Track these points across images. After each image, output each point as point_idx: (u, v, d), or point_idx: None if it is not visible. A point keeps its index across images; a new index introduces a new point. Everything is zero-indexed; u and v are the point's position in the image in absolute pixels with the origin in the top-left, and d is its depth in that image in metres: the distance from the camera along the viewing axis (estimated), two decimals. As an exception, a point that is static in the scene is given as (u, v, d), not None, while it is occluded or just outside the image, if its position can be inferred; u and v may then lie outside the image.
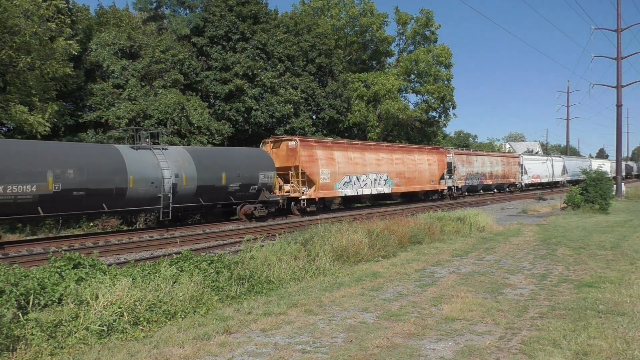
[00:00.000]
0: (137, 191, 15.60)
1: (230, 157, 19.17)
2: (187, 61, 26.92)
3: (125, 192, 15.28)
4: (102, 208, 14.82)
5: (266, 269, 8.63)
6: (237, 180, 18.69)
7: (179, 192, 16.87)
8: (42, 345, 5.21)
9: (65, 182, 13.77)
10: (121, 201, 15.37)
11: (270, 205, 20.22)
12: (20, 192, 12.83)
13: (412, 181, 28.90)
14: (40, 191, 13.19)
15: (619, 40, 33.10)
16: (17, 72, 18.05)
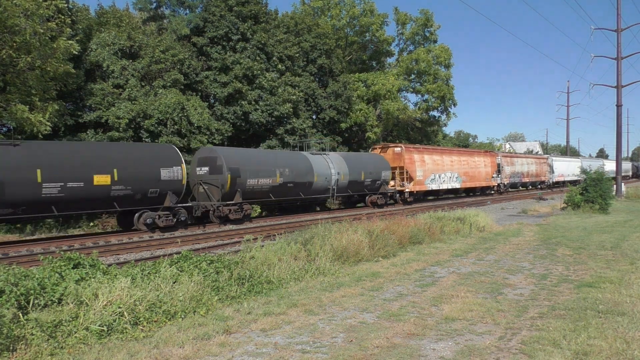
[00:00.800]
0: (319, 184, 23.02)
1: (365, 160, 26.71)
2: (187, 61, 26.93)
3: (312, 185, 22.61)
4: (299, 195, 22.26)
5: (266, 269, 8.63)
6: (369, 177, 25.79)
7: (339, 185, 24.17)
8: (42, 345, 5.21)
9: (284, 177, 20.94)
10: (309, 190, 22.65)
11: (386, 196, 27.05)
12: (264, 183, 20.17)
13: (473, 179, 35.05)
14: (273, 183, 20.53)
15: (619, 40, 33.12)
16: (17, 72, 18.06)
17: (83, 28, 24.26)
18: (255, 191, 19.93)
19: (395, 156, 28.57)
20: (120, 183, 15.19)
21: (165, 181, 16.48)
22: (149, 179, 16.03)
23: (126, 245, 13.65)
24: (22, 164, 13.22)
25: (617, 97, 33.08)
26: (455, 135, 65.31)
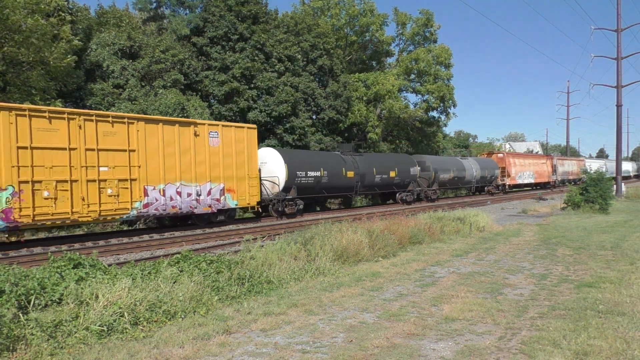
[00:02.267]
0: (470, 178, 35.11)
1: (485, 162, 37.81)
2: (187, 61, 26.93)
3: (464, 179, 34.21)
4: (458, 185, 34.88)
5: (266, 269, 8.64)
6: (489, 173, 37.43)
7: (476, 178, 35.98)
8: (42, 345, 5.21)
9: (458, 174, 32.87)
10: (463, 182, 34.74)
11: (498, 187, 38.61)
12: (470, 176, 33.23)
13: (541, 176, 46.65)
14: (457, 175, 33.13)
15: (619, 40, 33.12)
16: (18, 72, 18.07)
17: (83, 28, 24.26)
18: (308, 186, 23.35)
19: (498, 160, 40.75)
20: (484, 174, 36.23)
21: None
22: (492, 173, 37.87)
23: (126, 245, 13.65)
24: (367, 165, 25.81)
25: (617, 97, 33.08)
26: (455, 136, 65.33)
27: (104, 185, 14.60)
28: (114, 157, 14.87)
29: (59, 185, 13.62)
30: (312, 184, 22.07)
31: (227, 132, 18.34)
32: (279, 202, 20.35)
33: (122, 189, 15.00)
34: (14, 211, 12.75)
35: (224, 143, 18.18)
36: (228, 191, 18.26)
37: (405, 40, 43.97)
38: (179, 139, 16.61)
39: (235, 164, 18.63)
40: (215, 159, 17.82)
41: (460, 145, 55.09)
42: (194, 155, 17.08)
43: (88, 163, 14.26)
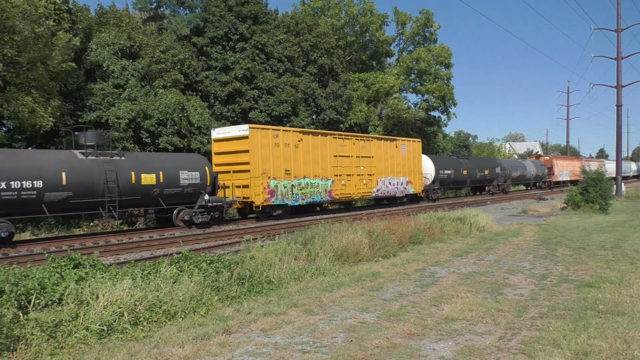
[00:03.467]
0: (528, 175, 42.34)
1: (536, 163, 45.44)
2: (187, 61, 26.92)
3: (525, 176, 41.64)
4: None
5: (266, 269, 8.64)
6: (540, 172, 44.72)
7: (533, 176, 44.83)
8: (42, 345, 5.22)
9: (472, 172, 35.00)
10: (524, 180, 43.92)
11: (550, 184, 47.20)
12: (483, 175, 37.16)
13: (573, 175, 51.40)
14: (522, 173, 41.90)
15: (619, 40, 33.13)
16: (18, 72, 18.07)
17: (83, 28, 24.26)
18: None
19: (545, 161, 48.41)
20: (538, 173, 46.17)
21: None
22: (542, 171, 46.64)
23: (126, 245, 13.66)
24: (472, 165, 35.46)
25: (617, 97, 33.09)
26: (455, 136, 65.25)
27: (362, 177, 24.37)
28: (365, 161, 24.66)
29: (346, 178, 23.37)
30: (446, 179, 31.55)
31: (408, 144, 28.33)
32: (429, 191, 30.11)
33: (369, 180, 24.76)
34: (333, 191, 22.55)
35: (408, 151, 27.96)
36: (409, 183, 28.06)
37: (405, 40, 43.99)
38: (389, 150, 26.46)
39: (412, 165, 28.33)
40: (404, 162, 27.51)
41: (460, 145, 55.03)
42: (395, 159, 26.79)
43: (356, 164, 23.96)
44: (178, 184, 16.80)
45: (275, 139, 19.85)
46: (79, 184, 14.37)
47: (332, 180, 22.22)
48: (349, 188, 23.28)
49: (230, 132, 19.86)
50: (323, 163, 21.93)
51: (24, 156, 14.09)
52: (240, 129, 19.51)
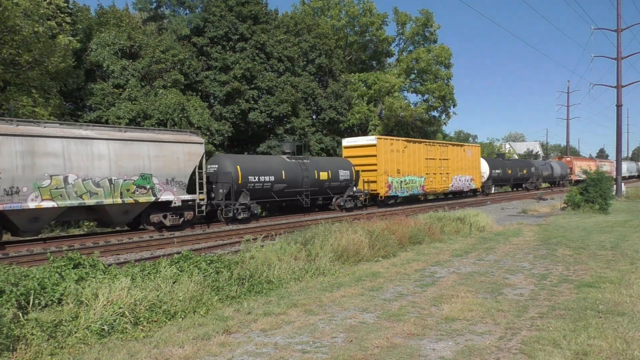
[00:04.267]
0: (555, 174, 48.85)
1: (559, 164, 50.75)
2: (187, 61, 26.91)
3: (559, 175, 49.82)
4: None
5: (266, 269, 8.63)
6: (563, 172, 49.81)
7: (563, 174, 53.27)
8: (42, 345, 5.22)
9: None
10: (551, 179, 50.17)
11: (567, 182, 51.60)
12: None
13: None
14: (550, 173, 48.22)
15: (619, 40, 33.13)
16: (18, 72, 18.07)
17: (83, 28, 24.27)
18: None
19: (567, 162, 54.36)
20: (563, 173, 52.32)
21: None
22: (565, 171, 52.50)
23: (126, 245, 13.66)
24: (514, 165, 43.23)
25: (617, 97, 33.09)
26: (455, 136, 65.32)
27: (442, 175, 30.41)
28: (444, 162, 30.62)
29: (433, 175, 29.33)
30: (496, 177, 38.28)
31: (472, 149, 34.66)
32: (484, 187, 36.51)
33: (447, 177, 30.84)
34: (425, 186, 28.53)
35: (472, 154, 34.10)
36: (472, 180, 34.04)
37: (405, 40, 43.99)
38: (459, 153, 32.55)
39: (474, 165, 34.21)
40: (469, 163, 33.53)
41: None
42: (463, 161, 32.81)
43: (439, 165, 30.00)
44: (338, 179, 23.68)
45: (391, 146, 26.13)
46: (290, 179, 21.11)
47: (424, 177, 28.60)
48: (434, 184, 29.68)
49: (358, 141, 26.83)
50: (419, 164, 28.17)
51: (261, 160, 21.32)
52: (369, 139, 26.25)
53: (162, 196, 16.19)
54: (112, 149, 14.97)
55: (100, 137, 14.89)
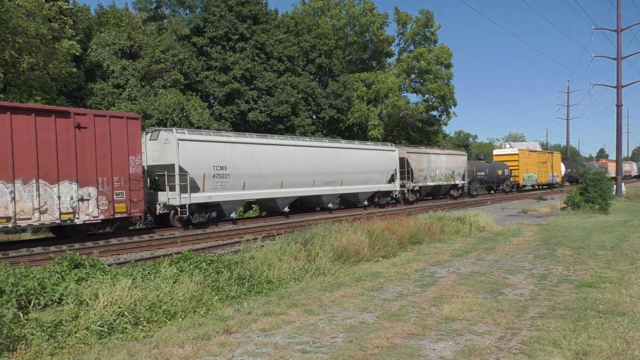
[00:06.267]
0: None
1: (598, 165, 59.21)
2: (187, 61, 26.92)
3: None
4: None
5: (266, 269, 8.63)
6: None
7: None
8: (42, 345, 5.21)
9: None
10: None
11: None
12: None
13: None
14: None
15: (619, 40, 33.12)
16: (18, 73, 18.07)
17: (83, 28, 24.28)
18: None
19: (603, 164, 61.18)
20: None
21: None
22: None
23: (126, 245, 13.66)
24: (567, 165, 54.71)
25: (617, 97, 33.08)
26: (455, 136, 65.28)
27: (544, 173, 45.73)
28: (545, 164, 46.16)
29: (540, 173, 44.93)
30: (568, 174, 50.48)
31: (555, 155, 48.99)
32: (559, 183, 48.75)
33: (545, 174, 45.91)
34: (537, 180, 44.06)
35: (554, 158, 48.05)
36: (557, 176, 47.99)
37: (406, 40, 43.99)
38: (549, 158, 46.68)
39: (557, 165, 48.46)
40: (553, 165, 47.25)
41: (460, 145, 55.14)
42: (549, 163, 46.07)
43: (542, 166, 45.63)
44: (505, 174, 39.44)
45: (524, 154, 42.52)
46: (488, 175, 37.97)
47: (537, 174, 44.04)
48: (540, 178, 44.70)
49: (506, 151, 44.42)
50: (535, 166, 43.82)
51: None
52: (512, 151, 43.67)
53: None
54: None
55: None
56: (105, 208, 14.46)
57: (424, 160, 29.49)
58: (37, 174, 13.04)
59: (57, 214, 13.39)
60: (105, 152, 14.48)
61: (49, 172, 13.25)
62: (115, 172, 14.71)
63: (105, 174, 14.52)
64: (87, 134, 14.07)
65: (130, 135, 15.12)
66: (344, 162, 23.40)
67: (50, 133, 13.29)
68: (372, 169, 25.18)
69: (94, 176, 14.21)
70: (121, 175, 14.86)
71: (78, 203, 13.85)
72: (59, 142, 13.48)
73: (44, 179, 13.18)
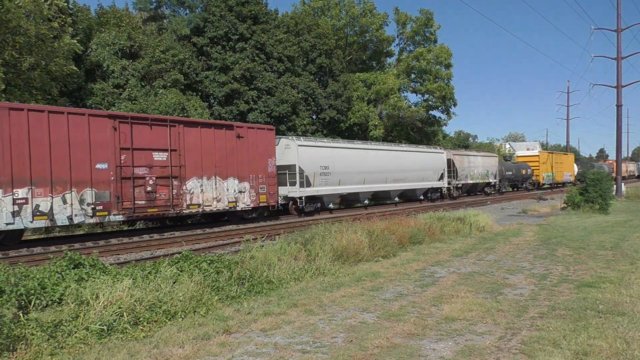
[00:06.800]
0: None
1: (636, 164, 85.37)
2: (187, 61, 26.92)
3: None
4: None
5: (266, 269, 8.63)
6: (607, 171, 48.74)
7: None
8: (43, 345, 5.22)
9: None
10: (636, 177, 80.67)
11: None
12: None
13: None
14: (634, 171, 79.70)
15: (619, 40, 33.12)
16: (19, 72, 18.07)
17: (83, 28, 24.28)
18: None
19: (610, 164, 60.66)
20: None
21: None
22: None
23: (126, 245, 13.66)
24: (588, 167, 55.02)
25: (617, 97, 33.08)
26: (455, 136, 65.27)
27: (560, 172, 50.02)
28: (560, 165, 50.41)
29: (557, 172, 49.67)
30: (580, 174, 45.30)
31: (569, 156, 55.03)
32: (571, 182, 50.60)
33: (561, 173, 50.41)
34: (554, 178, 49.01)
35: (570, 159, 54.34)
36: (571, 175, 52.85)
37: (406, 40, 43.98)
38: (566, 159, 52.47)
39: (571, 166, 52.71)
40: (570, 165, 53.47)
41: (460, 145, 55.14)
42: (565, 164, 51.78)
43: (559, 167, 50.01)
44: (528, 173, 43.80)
45: (544, 155, 46.97)
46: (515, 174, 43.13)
47: (554, 173, 48.02)
48: (557, 177, 48.97)
49: (527, 153, 49.54)
50: (552, 166, 47.74)
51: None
52: (533, 153, 49.02)
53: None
54: None
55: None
56: (254, 198, 18.98)
57: (465, 161, 33.83)
58: (215, 172, 17.55)
59: (226, 203, 17.96)
60: (254, 156, 18.96)
61: (221, 171, 17.78)
62: (259, 171, 19.18)
63: (254, 172, 19.00)
64: (244, 142, 18.59)
65: (269, 142, 19.68)
66: (407, 162, 27.90)
67: (222, 142, 17.84)
68: (427, 168, 29.85)
69: (247, 174, 18.75)
70: (263, 173, 19.35)
71: (238, 194, 18.40)
72: (227, 149, 17.98)
73: (219, 176, 17.70)
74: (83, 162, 14.00)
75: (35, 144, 13.05)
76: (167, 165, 15.99)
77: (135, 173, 15.19)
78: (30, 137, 12.96)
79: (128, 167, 15.00)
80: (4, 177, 12.58)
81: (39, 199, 13.17)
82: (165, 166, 15.96)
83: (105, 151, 14.47)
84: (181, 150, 16.41)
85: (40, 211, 13.17)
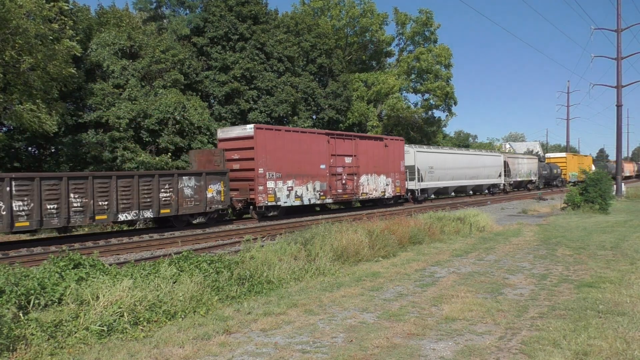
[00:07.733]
0: None
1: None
2: (187, 61, 26.92)
3: None
4: None
5: (266, 269, 8.63)
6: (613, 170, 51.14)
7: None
8: (42, 345, 5.22)
9: None
10: None
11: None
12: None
13: None
14: None
15: (619, 40, 33.14)
16: (18, 73, 18.05)
17: (83, 28, 24.26)
18: None
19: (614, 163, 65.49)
20: None
21: None
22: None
23: (126, 245, 13.66)
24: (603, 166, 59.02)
25: (617, 97, 33.09)
26: (455, 135, 65.31)
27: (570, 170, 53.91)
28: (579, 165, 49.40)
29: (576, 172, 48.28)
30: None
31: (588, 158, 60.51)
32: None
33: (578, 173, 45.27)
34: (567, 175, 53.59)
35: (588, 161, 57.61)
36: None
37: (406, 39, 44.00)
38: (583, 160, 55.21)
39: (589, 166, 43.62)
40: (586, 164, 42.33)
41: (460, 145, 55.16)
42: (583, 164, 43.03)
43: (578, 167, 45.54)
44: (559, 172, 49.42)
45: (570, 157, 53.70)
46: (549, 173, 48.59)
47: (577, 173, 44.09)
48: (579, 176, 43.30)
49: (556, 155, 55.14)
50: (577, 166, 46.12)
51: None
52: (561, 155, 54.23)
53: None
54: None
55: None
56: (393, 190, 26.58)
57: (515, 162, 41.38)
58: (374, 171, 25.16)
59: (379, 192, 25.57)
60: (393, 159, 26.53)
61: (377, 170, 25.36)
62: (395, 169, 26.75)
63: (393, 170, 26.58)
64: (388, 149, 26.24)
65: (400, 148, 27.37)
66: (478, 163, 35.48)
67: (377, 149, 25.44)
68: (490, 166, 37.34)
69: (390, 171, 26.30)
70: (397, 171, 26.93)
71: (385, 187, 25.93)
72: (380, 154, 25.51)
73: (375, 173, 25.25)
74: (315, 163, 21.51)
75: (293, 153, 20.45)
76: (352, 166, 23.59)
77: (337, 171, 22.57)
78: (292, 148, 20.42)
79: (333, 167, 22.49)
80: (282, 172, 19.93)
81: (297, 187, 20.68)
82: (351, 166, 23.53)
83: (324, 156, 22.04)
84: (358, 155, 23.91)
85: (297, 195, 20.64)
